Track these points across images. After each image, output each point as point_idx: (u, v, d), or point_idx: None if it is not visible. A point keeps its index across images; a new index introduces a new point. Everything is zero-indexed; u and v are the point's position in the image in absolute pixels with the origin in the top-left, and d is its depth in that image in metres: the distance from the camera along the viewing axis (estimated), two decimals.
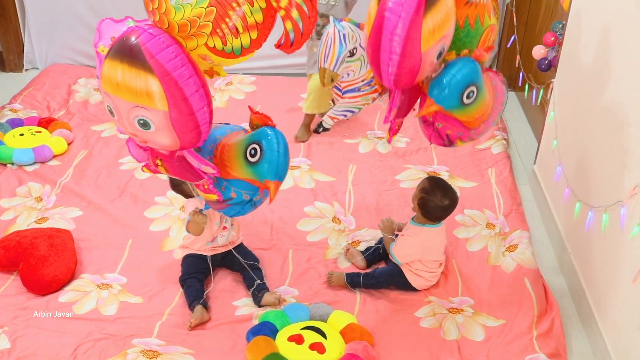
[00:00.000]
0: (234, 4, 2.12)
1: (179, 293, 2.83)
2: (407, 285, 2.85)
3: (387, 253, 2.92)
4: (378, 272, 2.87)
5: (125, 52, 2.00)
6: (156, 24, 2.09)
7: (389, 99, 2.43)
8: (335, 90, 2.66)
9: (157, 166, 2.30)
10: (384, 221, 2.95)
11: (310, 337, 2.53)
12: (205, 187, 2.35)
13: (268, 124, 2.34)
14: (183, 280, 2.82)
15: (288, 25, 2.17)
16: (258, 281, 2.80)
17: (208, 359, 2.55)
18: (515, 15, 4.00)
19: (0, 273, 2.93)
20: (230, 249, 2.88)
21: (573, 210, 2.86)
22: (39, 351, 2.56)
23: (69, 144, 3.89)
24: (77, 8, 4.79)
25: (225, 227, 2.83)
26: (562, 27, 3.27)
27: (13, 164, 3.68)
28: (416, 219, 2.83)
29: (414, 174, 3.62)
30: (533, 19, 4.32)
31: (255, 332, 2.58)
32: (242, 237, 2.97)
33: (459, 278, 2.96)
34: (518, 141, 4.16)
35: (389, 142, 2.63)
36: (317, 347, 2.50)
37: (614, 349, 2.52)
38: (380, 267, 2.95)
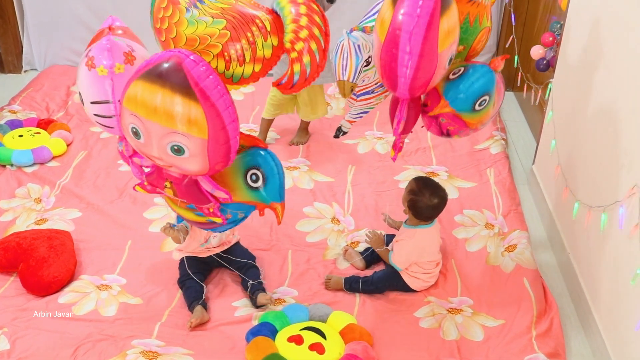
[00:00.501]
0: (249, 34, 2.13)
1: (179, 294, 2.83)
2: (406, 287, 2.85)
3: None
4: (376, 278, 2.87)
5: (168, 77, 1.95)
6: (163, 36, 2.09)
7: (396, 111, 2.46)
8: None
9: (165, 188, 2.27)
10: (371, 235, 2.97)
11: (310, 337, 2.53)
12: (211, 210, 2.30)
13: (258, 145, 2.30)
14: (182, 282, 2.83)
15: (296, 67, 2.17)
16: (251, 282, 2.80)
17: (208, 359, 2.55)
18: (513, 15, 4.01)
19: (0, 274, 2.93)
20: (225, 248, 2.89)
21: (572, 210, 2.86)
22: (39, 352, 2.55)
23: (68, 145, 3.89)
24: (76, 9, 4.80)
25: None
26: (560, 27, 3.27)
27: (12, 165, 3.68)
28: (409, 221, 2.84)
29: (413, 175, 3.62)
30: (531, 19, 4.33)
31: (254, 332, 2.58)
32: (238, 236, 2.97)
33: (458, 278, 2.96)
34: (517, 141, 4.17)
35: (394, 160, 2.67)
36: (317, 348, 2.50)
37: (612, 348, 2.53)
38: (379, 270, 2.95)
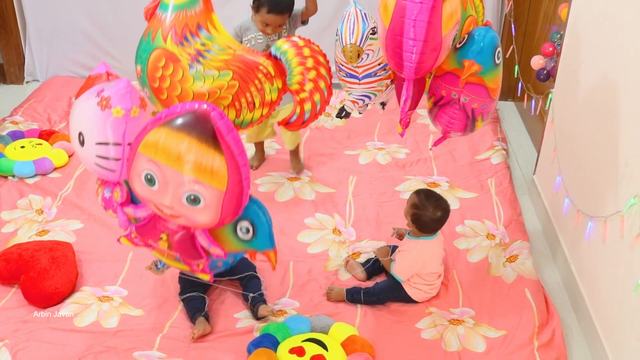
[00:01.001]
0: (256, 81, 2.17)
1: (180, 306, 2.83)
2: (407, 298, 2.85)
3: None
4: (378, 289, 2.87)
5: (196, 127, 1.95)
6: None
7: (402, 90, 2.53)
8: (349, 79, 2.72)
9: (160, 240, 2.27)
10: (378, 248, 3.06)
11: (312, 349, 2.53)
12: (200, 267, 2.30)
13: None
14: (183, 294, 2.82)
15: (307, 106, 2.23)
16: (251, 294, 2.80)
17: None
18: (513, 26, 4.02)
19: (1, 286, 2.93)
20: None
21: (573, 220, 2.86)
22: None
23: (69, 156, 3.89)
24: (78, 20, 4.81)
25: None
26: (560, 37, 3.28)
27: (14, 176, 3.68)
28: (412, 232, 2.84)
29: (414, 185, 3.62)
30: (531, 29, 4.34)
31: (256, 344, 2.57)
32: None
33: (460, 289, 2.96)
34: (517, 151, 4.17)
35: (402, 135, 2.70)
36: None
37: (615, 358, 2.52)
38: (380, 281, 2.95)
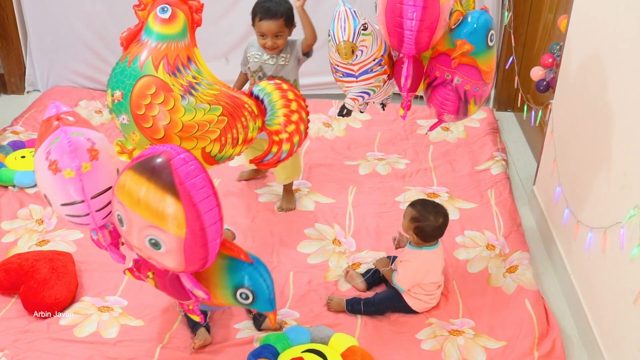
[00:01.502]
0: (243, 119, 2.21)
1: (180, 316, 2.83)
2: (407, 308, 2.85)
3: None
4: (378, 299, 2.87)
5: (155, 172, 1.95)
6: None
7: (402, 69, 2.64)
8: (346, 78, 2.74)
9: (147, 278, 2.29)
10: (377, 259, 3.05)
11: None
12: (190, 307, 2.31)
13: (241, 258, 2.22)
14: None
15: (286, 147, 2.31)
16: None
17: None
18: (513, 37, 4.03)
19: (1, 296, 2.94)
20: None
21: (573, 231, 2.87)
22: None
23: None
24: (79, 31, 4.83)
25: None
26: (560, 48, 3.29)
27: (14, 186, 3.69)
28: (413, 242, 2.84)
29: (414, 196, 3.62)
30: (531, 40, 4.35)
31: (256, 355, 2.57)
32: None
33: (460, 299, 2.96)
34: (517, 162, 4.18)
35: (404, 118, 2.76)
36: None
37: None
38: (380, 291, 2.95)
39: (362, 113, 3.06)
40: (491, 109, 4.72)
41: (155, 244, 2.02)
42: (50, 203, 2.24)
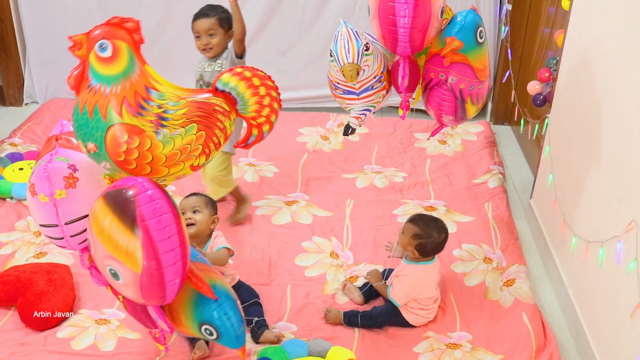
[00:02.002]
0: (218, 123, 2.18)
1: None
2: (405, 322, 2.85)
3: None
4: (375, 313, 2.87)
5: (119, 205, 1.96)
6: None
7: (399, 70, 2.70)
8: (347, 96, 2.75)
9: (119, 299, 2.30)
10: (370, 273, 3.02)
11: None
12: (157, 335, 2.32)
13: (207, 295, 2.17)
14: None
15: (265, 127, 2.30)
16: (257, 318, 2.80)
17: None
18: (510, 51, 4.05)
19: None
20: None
21: (570, 245, 2.87)
22: None
23: None
24: None
25: None
26: (557, 63, 3.31)
27: (12, 198, 3.68)
28: (410, 257, 2.85)
29: (411, 209, 3.63)
30: (528, 54, 4.38)
31: None
32: (237, 276, 2.97)
33: (457, 313, 2.96)
34: (514, 175, 4.19)
35: (403, 118, 2.81)
36: None
37: None
38: (378, 304, 2.95)
39: (359, 127, 3.07)
40: (488, 122, 4.74)
41: (115, 275, 2.05)
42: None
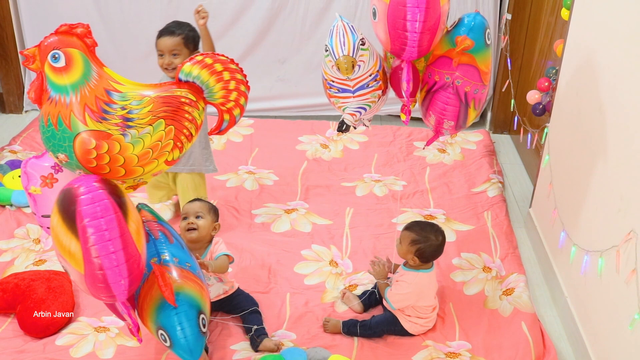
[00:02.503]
0: (186, 115, 2.19)
1: None
2: (404, 331, 2.85)
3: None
4: (374, 322, 2.86)
5: (63, 205, 2.00)
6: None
7: (402, 74, 2.68)
8: (342, 94, 2.75)
9: None
10: (376, 266, 2.96)
11: None
12: (129, 328, 2.33)
13: (167, 300, 2.20)
14: None
15: (236, 111, 2.33)
16: (256, 326, 2.79)
17: None
18: (509, 60, 4.07)
19: None
20: (223, 297, 2.90)
21: (569, 254, 2.88)
22: None
23: None
24: None
25: (210, 284, 2.84)
26: (556, 72, 3.32)
27: (12, 205, 3.69)
28: (409, 264, 2.85)
29: (410, 218, 3.64)
30: (527, 63, 4.39)
31: None
32: (237, 284, 2.97)
33: (456, 322, 2.96)
34: (514, 184, 4.20)
35: (406, 123, 2.80)
36: None
37: None
38: (377, 314, 2.94)
39: (355, 129, 3.08)
40: (487, 131, 4.75)
41: (66, 271, 2.13)
42: None
